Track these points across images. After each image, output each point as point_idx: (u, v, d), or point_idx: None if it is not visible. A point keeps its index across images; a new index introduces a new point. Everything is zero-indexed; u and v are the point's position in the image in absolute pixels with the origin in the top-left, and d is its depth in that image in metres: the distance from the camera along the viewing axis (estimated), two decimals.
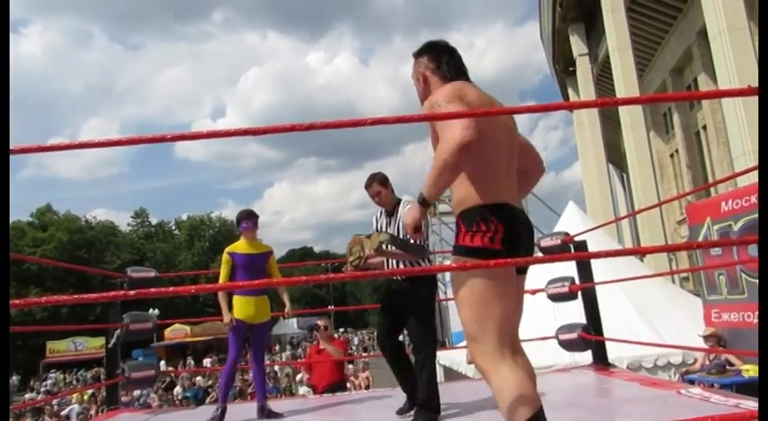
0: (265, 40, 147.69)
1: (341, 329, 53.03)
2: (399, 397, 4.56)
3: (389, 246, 3.33)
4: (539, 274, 5.23)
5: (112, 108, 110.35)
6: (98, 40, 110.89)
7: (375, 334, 3.84)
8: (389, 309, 3.59)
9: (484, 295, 1.89)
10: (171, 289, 1.48)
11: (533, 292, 2.27)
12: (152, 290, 1.48)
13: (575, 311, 4.69)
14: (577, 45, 26.61)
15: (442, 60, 2.16)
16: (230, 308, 4.02)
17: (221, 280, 3.99)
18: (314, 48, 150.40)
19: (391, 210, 3.67)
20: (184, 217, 55.64)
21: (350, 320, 62.02)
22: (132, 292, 1.45)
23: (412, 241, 3.28)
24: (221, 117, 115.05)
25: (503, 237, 1.91)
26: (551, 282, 4.53)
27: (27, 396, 21.78)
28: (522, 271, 2.08)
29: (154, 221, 53.67)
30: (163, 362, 29.02)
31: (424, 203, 2.01)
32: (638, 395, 3.58)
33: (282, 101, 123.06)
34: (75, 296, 1.60)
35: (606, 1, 20.04)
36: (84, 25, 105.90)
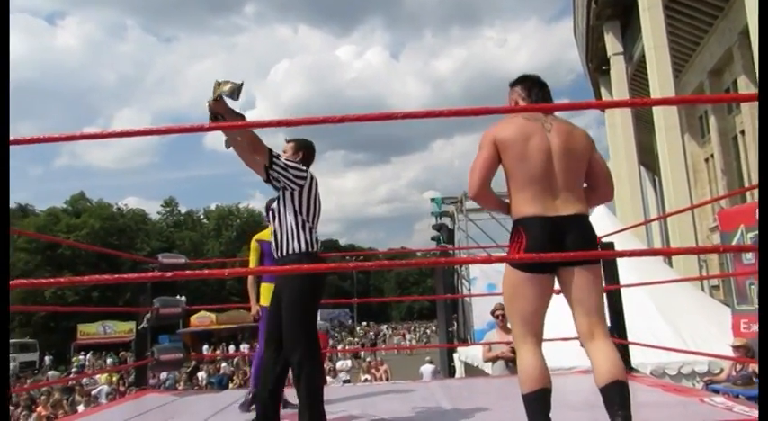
0: (297, 33, 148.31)
1: (363, 323, 53.24)
2: (420, 389, 4.60)
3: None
4: None
5: (145, 99, 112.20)
6: (132, 33, 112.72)
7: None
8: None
9: (509, 295, 2.41)
10: (206, 271, 1.54)
11: (558, 292, 2.41)
12: (187, 272, 1.54)
13: None
14: (612, 43, 26.17)
15: (532, 91, 2.57)
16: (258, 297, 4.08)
17: (251, 266, 4.05)
18: (345, 41, 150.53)
19: None
20: (213, 207, 56.46)
21: (373, 314, 62.19)
22: (169, 274, 1.52)
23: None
24: (251, 109, 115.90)
25: (525, 248, 2.29)
26: None
27: (50, 373, 22.50)
28: (575, 263, 2.30)
29: (183, 210, 54.51)
30: (205, 347, 29.54)
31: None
32: (660, 400, 3.55)
33: (311, 94, 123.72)
34: (116, 276, 1.67)
35: None
36: (120, 18, 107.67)
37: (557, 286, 2.42)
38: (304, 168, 3.08)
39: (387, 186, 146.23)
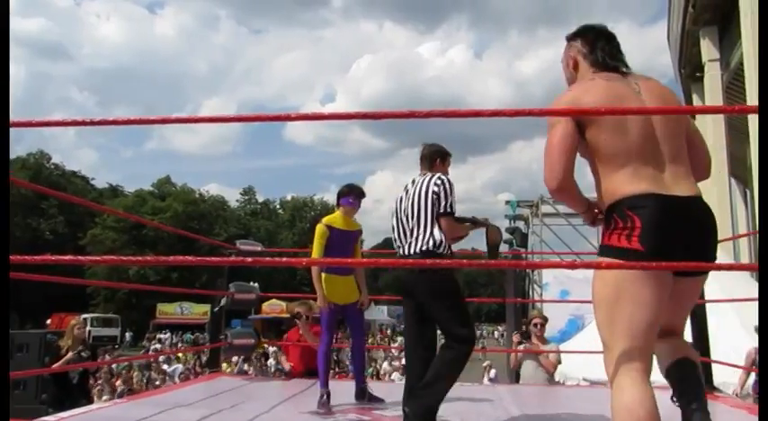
0: (381, 29, 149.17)
1: None
2: (483, 390, 4.54)
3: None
4: None
5: (232, 88, 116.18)
6: (225, 24, 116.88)
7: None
8: None
9: (611, 298, 1.78)
10: (284, 259, 1.58)
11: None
12: (267, 259, 1.58)
13: None
14: (708, 49, 24.84)
15: (596, 46, 2.05)
16: None
17: (315, 253, 3.85)
18: (429, 39, 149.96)
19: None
20: (288, 197, 57.88)
21: None
22: (249, 260, 1.56)
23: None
24: (330, 102, 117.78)
25: (641, 233, 1.74)
26: None
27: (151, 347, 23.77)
28: (692, 273, 1.84)
29: (260, 199, 56.16)
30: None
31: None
32: None
33: (391, 90, 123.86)
34: (199, 258, 1.72)
35: (745, 3, 18.58)
36: (213, 9, 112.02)
37: None
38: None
39: (461, 186, 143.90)
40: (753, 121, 18.63)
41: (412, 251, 3.10)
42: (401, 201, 3.26)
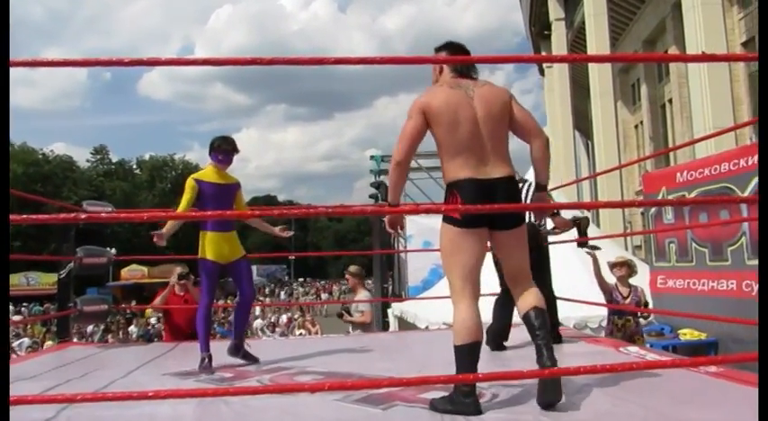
0: None
1: (300, 279, 53.28)
2: (350, 340, 4.66)
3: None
4: None
5: (74, 38, 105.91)
6: None
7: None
8: None
9: (448, 250, 2.52)
10: (123, 215, 1.47)
11: (489, 249, 2.56)
12: (103, 215, 1.47)
13: None
14: (555, 9, 26.51)
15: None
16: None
17: (182, 207, 3.60)
18: None
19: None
20: (146, 157, 54.45)
21: (310, 271, 62.19)
22: (83, 216, 1.44)
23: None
24: (189, 56, 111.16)
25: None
26: None
27: None
28: (507, 226, 2.51)
29: (114, 159, 52.36)
30: (134, 302, 28.79)
31: (391, 206, 2.60)
32: (580, 351, 3.74)
33: (255, 45, 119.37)
34: (24, 216, 1.54)
35: None
36: None
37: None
38: None
39: (328, 143, 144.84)
40: (592, 79, 20.26)
41: None
42: None
